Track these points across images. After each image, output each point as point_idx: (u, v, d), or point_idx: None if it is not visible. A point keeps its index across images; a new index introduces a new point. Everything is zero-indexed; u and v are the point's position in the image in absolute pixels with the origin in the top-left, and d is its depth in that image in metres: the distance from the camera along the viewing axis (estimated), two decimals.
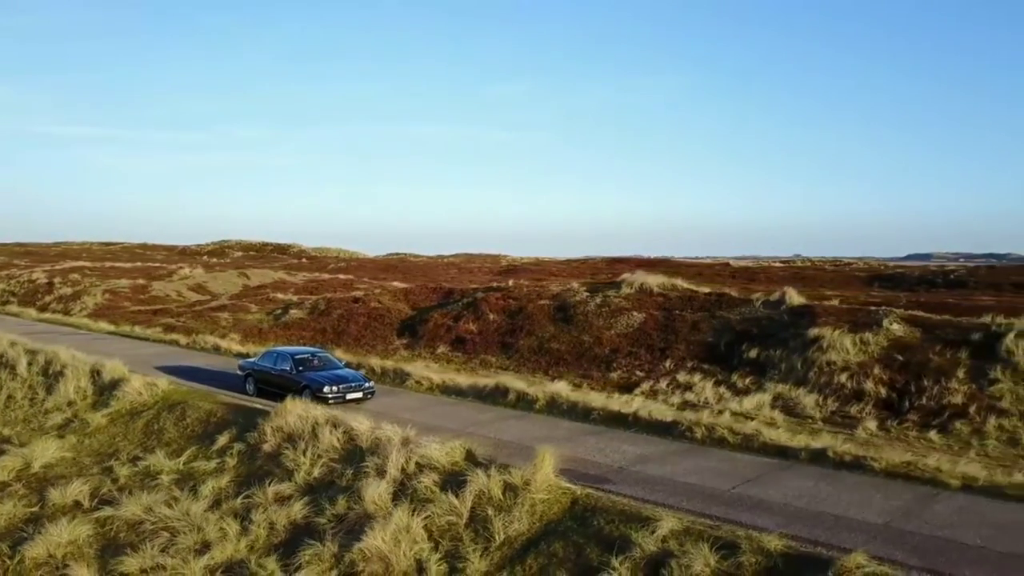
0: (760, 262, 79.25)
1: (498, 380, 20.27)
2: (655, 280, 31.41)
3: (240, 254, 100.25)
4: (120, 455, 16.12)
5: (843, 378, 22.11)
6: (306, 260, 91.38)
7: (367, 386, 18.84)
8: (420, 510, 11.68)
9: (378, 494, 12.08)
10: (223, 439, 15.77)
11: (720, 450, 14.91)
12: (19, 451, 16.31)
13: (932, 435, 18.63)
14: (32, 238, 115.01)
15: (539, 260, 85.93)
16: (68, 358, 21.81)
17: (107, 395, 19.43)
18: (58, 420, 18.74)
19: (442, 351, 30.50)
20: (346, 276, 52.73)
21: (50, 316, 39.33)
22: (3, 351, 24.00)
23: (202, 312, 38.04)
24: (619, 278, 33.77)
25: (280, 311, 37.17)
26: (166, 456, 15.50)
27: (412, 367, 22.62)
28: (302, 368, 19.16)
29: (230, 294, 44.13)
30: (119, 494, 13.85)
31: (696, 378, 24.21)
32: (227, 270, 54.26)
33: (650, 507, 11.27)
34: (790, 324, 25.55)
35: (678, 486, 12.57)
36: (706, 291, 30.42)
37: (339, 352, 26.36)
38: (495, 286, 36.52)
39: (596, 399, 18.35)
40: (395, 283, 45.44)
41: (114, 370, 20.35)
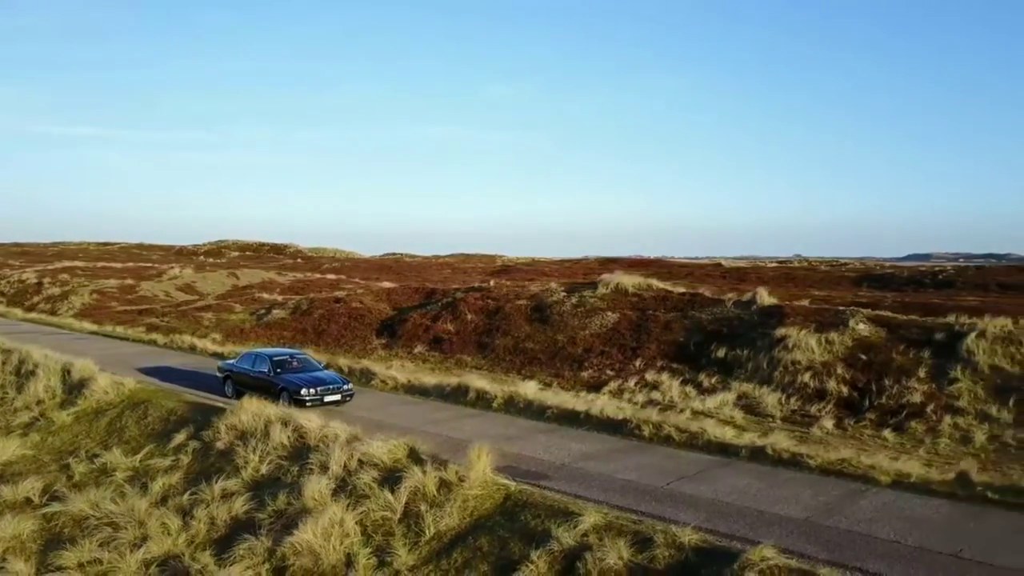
0: (757, 262, 79.42)
1: (460, 379, 20.53)
2: (631, 280, 31.63)
3: (236, 254, 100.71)
4: (80, 453, 16.42)
5: (806, 377, 22.31)
6: (301, 260, 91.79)
7: (346, 388, 18.70)
8: (356, 505, 11.94)
9: (318, 490, 12.34)
10: (180, 437, 16.05)
11: (665, 447, 15.15)
12: None
13: (887, 434, 18.83)
14: (31, 238, 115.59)
15: (535, 260, 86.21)
16: (40, 357, 22.12)
17: (75, 394, 19.72)
18: (25, 419, 19.05)
19: (419, 351, 30.76)
20: (334, 276, 53.01)
21: (36, 316, 39.69)
22: None
23: (186, 312, 38.35)
24: (598, 278, 34.00)
25: (263, 311, 37.47)
26: (123, 454, 15.78)
27: (379, 367, 22.89)
28: (280, 370, 18.99)
29: (216, 294, 44.44)
30: (71, 491, 14.13)
31: (664, 377, 24.41)
32: (217, 270, 54.59)
33: (580, 503, 11.51)
34: (759, 324, 25.77)
35: (615, 482, 12.82)
36: (680, 291, 30.65)
37: (312, 350, 26.60)
38: (476, 286, 36.77)
39: (552, 398, 18.59)
40: (384, 283, 45.70)
41: (83, 369, 20.64)
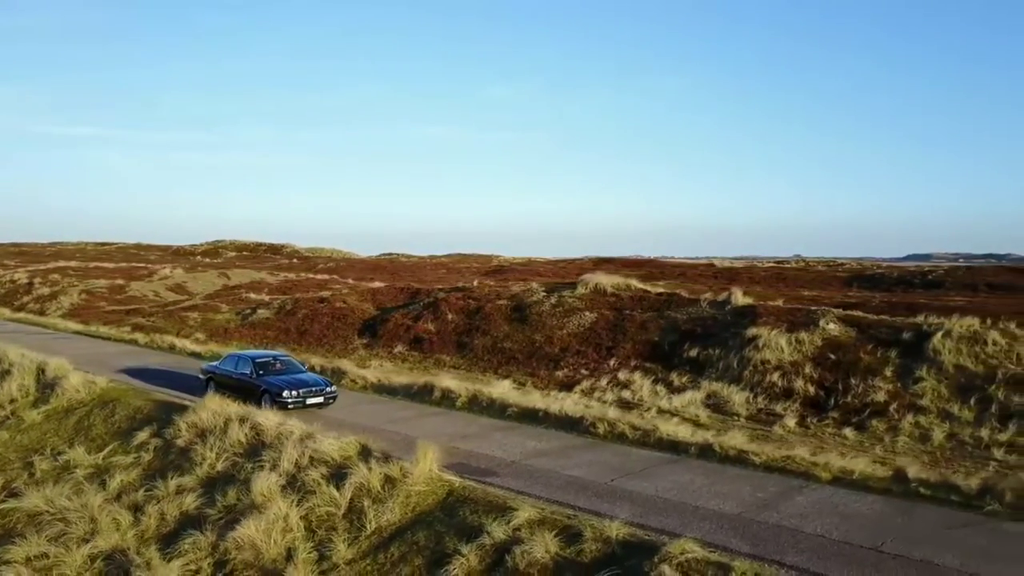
0: (755, 263, 79.55)
1: (427, 379, 20.75)
2: (610, 280, 31.85)
3: (233, 254, 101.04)
4: (45, 450, 16.67)
5: (775, 377, 22.52)
6: (297, 260, 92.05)
7: (328, 391, 18.46)
8: (303, 501, 12.18)
9: (267, 487, 12.57)
10: (143, 435, 16.29)
11: (619, 445, 15.37)
12: None
13: (847, 432, 19.04)
14: (30, 238, 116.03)
15: (531, 260, 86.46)
16: (17, 357, 22.37)
17: (48, 393, 19.97)
18: None
19: (399, 351, 31.00)
20: (323, 276, 53.27)
21: (23, 316, 40.00)
22: None
23: (173, 312, 38.63)
24: (577, 279, 34.21)
25: (249, 311, 37.73)
26: (87, 451, 16.04)
27: (351, 366, 23.13)
28: (262, 372, 18.80)
29: (205, 294, 44.73)
30: (31, 488, 14.38)
31: (636, 376, 24.63)
32: (207, 270, 54.89)
33: (520, 498, 11.72)
34: (732, 324, 25.97)
35: (560, 479, 13.04)
36: (658, 291, 30.85)
37: (285, 349, 26.82)
38: (459, 286, 37.01)
39: (515, 396, 18.83)
40: (375, 283, 45.92)
41: (57, 369, 20.89)
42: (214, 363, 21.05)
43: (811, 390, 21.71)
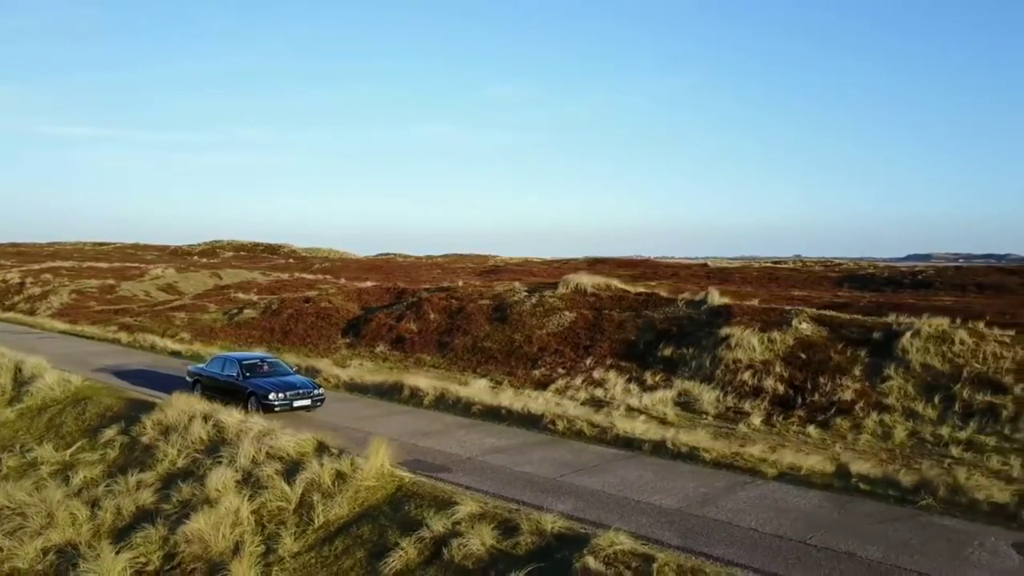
0: (752, 263, 79.75)
1: (398, 378, 20.98)
2: (591, 280, 32.07)
3: (231, 254, 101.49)
4: (16, 447, 16.94)
5: (746, 375, 22.73)
6: (293, 260, 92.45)
7: (316, 393, 18.15)
8: (255, 496, 12.42)
9: (221, 482, 12.81)
10: (111, 432, 16.56)
11: (576, 442, 15.60)
12: None
13: (811, 430, 19.25)
14: (29, 238, 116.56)
15: (527, 260, 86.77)
16: None
17: (23, 391, 20.24)
18: None
19: (381, 350, 31.24)
20: (316, 276, 53.52)
21: (12, 316, 40.32)
22: None
23: (161, 312, 38.92)
24: (561, 279, 34.43)
25: (236, 311, 38.00)
26: (56, 448, 16.31)
27: (325, 365, 23.38)
28: (249, 374, 18.53)
29: (195, 294, 45.01)
30: None
31: (611, 375, 24.84)
32: (199, 270, 55.20)
33: (469, 493, 11.95)
34: (707, 323, 26.19)
35: (511, 474, 13.26)
36: (636, 291, 31.07)
37: (263, 349, 27.09)
38: (443, 286, 37.24)
39: (482, 395, 19.03)
40: (367, 283, 46.18)
41: (35, 367, 21.18)
42: (201, 365, 20.89)
43: (780, 389, 21.90)
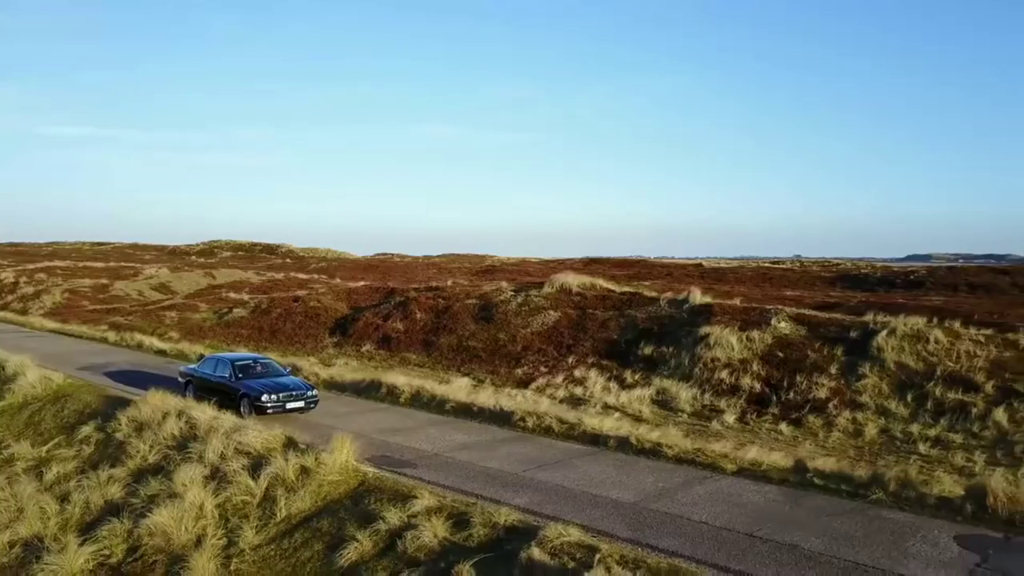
0: (750, 263, 79.89)
1: (375, 375, 21.19)
2: (576, 280, 32.28)
3: (229, 254, 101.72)
4: None
5: (724, 374, 22.92)
6: (290, 260, 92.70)
7: (310, 394, 17.83)
8: (221, 491, 12.63)
9: (189, 477, 13.02)
10: (88, 429, 16.78)
11: (544, 438, 15.80)
12: None
13: (783, 427, 19.47)
14: (29, 238, 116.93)
15: (523, 260, 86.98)
16: None
17: (5, 389, 20.46)
18: None
19: (367, 349, 31.46)
20: (309, 276, 53.75)
21: (3, 315, 40.59)
22: None
23: (152, 311, 39.16)
24: (548, 278, 34.63)
25: (226, 310, 38.24)
26: (33, 445, 16.54)
27: (305, 363, 23.58)
28: (241, 375, 18.19)
29: (187, 293, 45.26)
30: None
31: (592, 374, 25.05)
32: (194, 270, 55.44)
33: (431, 488, 12.15)
34: (688, 322, 26.38)
35: (475, 470, 13.46)
36: (621, 290, 31.27)
37: (245, 348, 27.29)
38: (432, 286, 37.45)
39: (456, 392, 19.23)
40: (360, 282, 46.36)
41: (17, 366, 21.39)
42: (193, 365, 20.61)
43: (757, 387, 22.10)
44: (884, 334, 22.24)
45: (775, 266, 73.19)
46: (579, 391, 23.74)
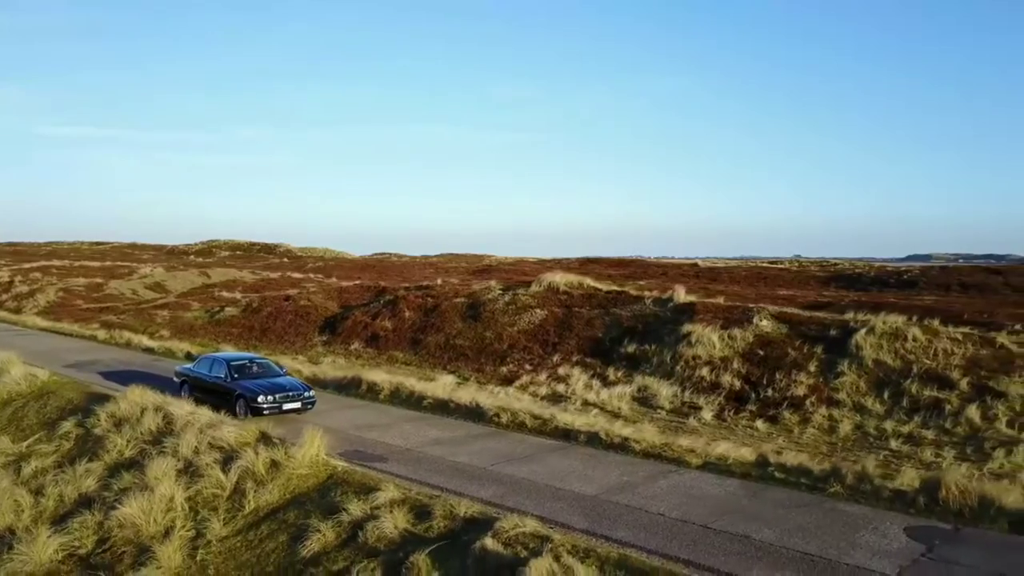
0: (746, 262, 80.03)
1: (356, 372, 21.39)
2: (563, 279, 32.45)
3: (227, 254, 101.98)
4: None
5: (704, 371, 23.11)
6: (288, 260, 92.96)
7: (307, 395, 17.58)
8: (192, 484, 12.83)
9: (161, 470, 13.21)
10: (68, 424, 16.99)
11: (517, 434, 15.99)
12: None
13: (759, 424, 19.64)
14: (29, 238, 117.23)
15: (520, 260, 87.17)
16: None
17: None
18: None
19: (355, 347, 31.66)
20: (303, 275, 53.96)
21: None
22: None
23: (144, 310, 39.38)
24: (536, 277, 34.81)
25: (218, 309, 38.46)
26: (13, 440, 16.75)
27: (288, 361, 23.77)
28: (237, 376, 17.95)
29: (180, 292, 45.48)
30: None
31: (575, 371, 25.25)
32: (189, 269, 55.67)
33: (398, 481, 12.34)
34: (671, 321, 26.56)
35: (445, 464, 13.66)
36: (607, 289, 31.45)
37: (231, 347, 27.47)
38: (422, 285, 37.65)
39: (433, 389, 19.42)
40: (355, 281, 46.56)
41: (4, 362, 21.60)
42: (188, 365, 20.35)
43: (737, 384, 22.28)
44: (863, 332, 22.40)
45: (771, 266, 73.48)
46: (561, 388, 23.93)
